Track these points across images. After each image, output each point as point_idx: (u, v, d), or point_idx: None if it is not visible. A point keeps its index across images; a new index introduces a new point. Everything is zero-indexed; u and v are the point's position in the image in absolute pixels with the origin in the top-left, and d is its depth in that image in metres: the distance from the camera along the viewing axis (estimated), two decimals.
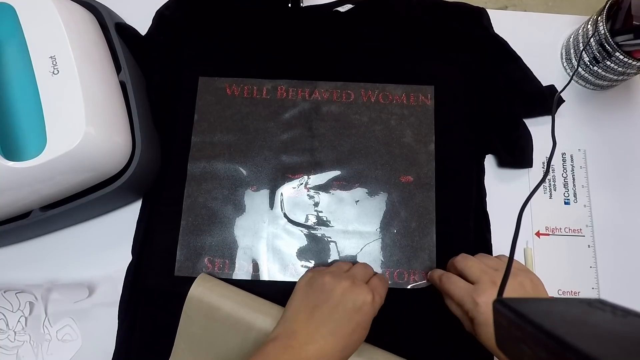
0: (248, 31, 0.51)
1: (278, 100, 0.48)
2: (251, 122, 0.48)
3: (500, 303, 0.17)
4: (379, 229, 0.45)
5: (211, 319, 0.39)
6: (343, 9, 0.52)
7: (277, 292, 0.42)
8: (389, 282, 0.43)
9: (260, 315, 0.39)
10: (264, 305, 0.40)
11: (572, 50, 0.51)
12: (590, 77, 0.50)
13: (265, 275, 0.44)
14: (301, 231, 0.45)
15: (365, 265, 0.41)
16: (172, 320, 0.41)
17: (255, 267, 0.44)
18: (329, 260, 0.44)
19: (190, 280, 0.41)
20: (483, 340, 0.35)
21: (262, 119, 0.48)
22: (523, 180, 0.49)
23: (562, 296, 0.45)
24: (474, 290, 0.35)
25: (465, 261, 0.38)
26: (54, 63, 0.38)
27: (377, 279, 0.39)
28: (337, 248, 0.44)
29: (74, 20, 0.41)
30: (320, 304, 0.35)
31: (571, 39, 0.51)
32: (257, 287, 0.43)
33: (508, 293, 0.33)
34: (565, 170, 0.49)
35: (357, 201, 0.46)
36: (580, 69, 0.50)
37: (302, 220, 0.45)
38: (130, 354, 0.42)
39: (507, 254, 0.45)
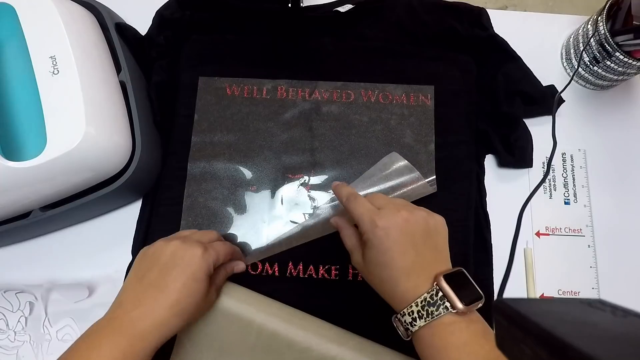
0: (248, 31, 0.51)
1: (278, 100, 0.48)
2: (251, 122, 0.47)
3: (500, 303, 0.17)
4: None
5: (213, 314, 0.40)
6: (343, 9, 0.52)
7: (277, 291, 0.42)
8: None
9: (260, 312, 0.39)
10: (264, 302, 0.41)
11: (572, 50, 0.51)
12: (590, 77, 0.50)
13: (264, 275, 0.44)
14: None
15: (209, 231, 0.41)
16: None
17: (254, 266, 0.44)
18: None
19: None
20: (369, 269, 0.34)
21: (262, 119, 0.48)
22: (523, 180, 0.49)
23: (562, 296, 0.45)
24: (377, 213, 0.34)
25: (372, 195, 0.37)
26: (54, 63, 0.38)
27: (219, 242, 0.39)
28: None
29: (74, 20, 0.41)
30: (151, 267, 0.35)
31: (571, 39, 0.51)
32: (256, 286, 0.43)
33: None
34: (565, 170, 0.49)
35: None
36: (580, 69, 0.50)
37: (302, 220, 0.45)
38: None
39: (504, 252, 0.45)
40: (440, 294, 0.31)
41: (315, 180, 0.46)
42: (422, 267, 0.33)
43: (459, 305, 0.30)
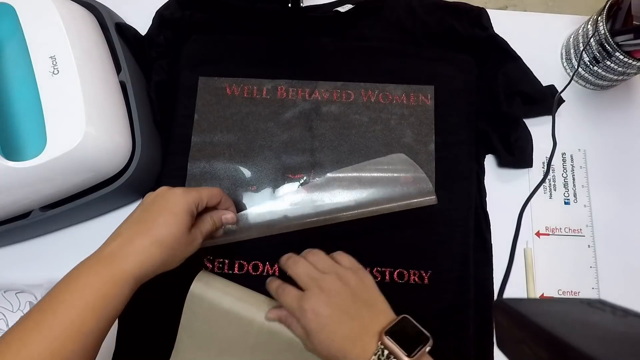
0: (248, 31, 0.51)
1: (278, 100, 0.48)
2: (251, 122, 0.47)
3: (501, 303, 0.17)
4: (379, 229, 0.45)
5: (213, 313, 0.40)
6: (343, 9, 0.52)
7: None
8: (388, 282, 0.43)
9: (260, 310, 0.39)
10: (264, 300, 0.41)
11: (572, 50, 0.51)
12: (590, 77, 0.50)
13: (264, 275, 0.44)
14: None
15: (214, 188, 0.41)
16: (173, 320, 0.41)
17: (255, 267, 0.44)
18: None
19: (190, 280, 0.41)
20: (319, 351, 0.34)
21: (262, 119, 0.48)
22: (523, 180, 0.49)
23: (562, 296, 0.46)
24: (302, 298, 0.35)
25: (295, 267, 0.37)
26: (54, 63, 0.38)
27: (205, 187, 0.40)
28: None
29: (74, 20, 0.41)
30: (136, 210, 0.36)
31: (571, 39, 0.51)
32: (256, 286, 0.43)
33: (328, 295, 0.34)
34: (565, 170, 0.49)
35: (357, 201, 0.46)
36: (580, 69, 0.50)
37: (302, 220, 0.45)
38: (130, 354, 0.42)
39: (504, 252, 0.45)
40: (387, 352, 0.32)
41: (316, 180, 0.46)
42: (363, 329, 0.33)
43: (406, 358, 0.31)
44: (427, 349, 0.33)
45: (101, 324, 0.30)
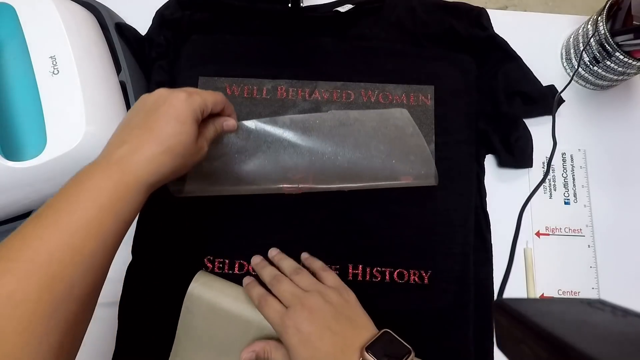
0: (248, 31, 0.51)
1: (278, 101, 0.48)
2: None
3: (501, 303, 0.17)
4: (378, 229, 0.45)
5: (211, 313, 0.40)
6: (343, 9, 0.52)
7: None
8: (388, 282, 0.43)
9: (258, 312, 0.39)
10: None
11: (572, 50, 0.51)
12: (590, 77, 0.50)
13: None
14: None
15: (216, 93, 0.39)
16: (172, 320, 0.41)
17: None
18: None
19: (189, 280, 0.41)
20: None
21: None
22: (523, 180, 0.49)
23: (562, 296, 0.46)
24: (285, 314, 0.35)
25: (278, 285, 0.38)
26: (54, 63, 0.38)
27: (208, 91, 0.38)
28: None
29: (74, 20, 0.41)
30: (136, 113, 0.35)
31: (571, 39, 0.51)
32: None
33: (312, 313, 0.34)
34: (565, 170, 0.49)
35: (357, 201, 0.46)
36: (580, 69, 0.50)
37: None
38: (130, 354, 0.42)
39: (504, 252, 0.45)
40: None
41: (316, 180, 0.46)
42: (344, 345, 0.33)
43: None
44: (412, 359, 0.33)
45: (119, 226, 0.30)
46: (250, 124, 0.45)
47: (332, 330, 0.34)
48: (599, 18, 0.46)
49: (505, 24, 0.51)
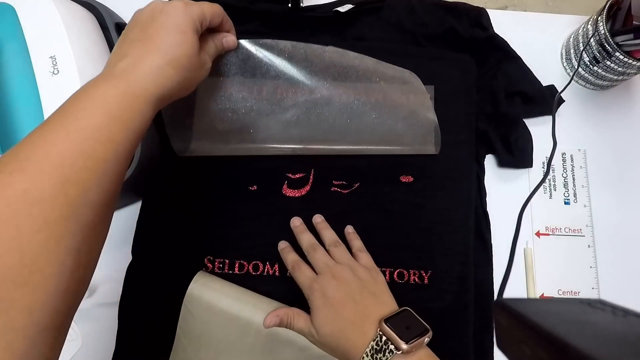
0: (248, 31, 0.51)
1: (278, 100, 0.48)
2: (251, 120, 0.47)
3: (501, 303, 0.17)
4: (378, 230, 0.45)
5: (211, 314, 0.40)
6: (343, 9, 0.52)
7: (276, 291, 0.42)
8: (388, 282, 0.43)
9: (259, 311, 0.39)
10: (262, 301, 0.41)
11: (572, 50, 0.51)
12: (590, 77, 0.50)
13: (264, 275, 0.44)
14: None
15: (215, 4, 0.38)
16: (172, 319, 0.41)
17: (255, 267, 0.44)
18: None
19: (188, 281, 0.41)
20: (321, 332, 0.35)
21: (261, 117, 0.48)
22: (523, 180, 0.49)
23: (562, 296, 0.46)
24: (315, 279, 0.38)
25: (314, 253, 0.40)
26: (54, 63, 0.38)
27: (206, 1, 0.36)
28: None
29: (74, 20, 0.41)
30: (133, 27, 0.33)
31: (571, 39, 0.51)
32: (256, 286, 0.43)
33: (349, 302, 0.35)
34: (565, 170, 0.49)
35: (357, 201, 0.46)
36: (580, 69, 0.50)
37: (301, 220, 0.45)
38: (130, 354, 0.42)
39: (504, 252, 0.45)
40: (385, 338, 0.33)
41: (316, 180, 0.46)
42: (365, 315, 0.35)
43: (403, 346, 0.32)
44: (426, 340, 0.34)
45: (128, 135, 0.28)
46: (250, 46, 0.43)
47: (355, 301, 0.36)
48: (599, 18, 0.46)
49: (505, 24, 0.51)
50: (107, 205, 0.27)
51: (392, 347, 0.32)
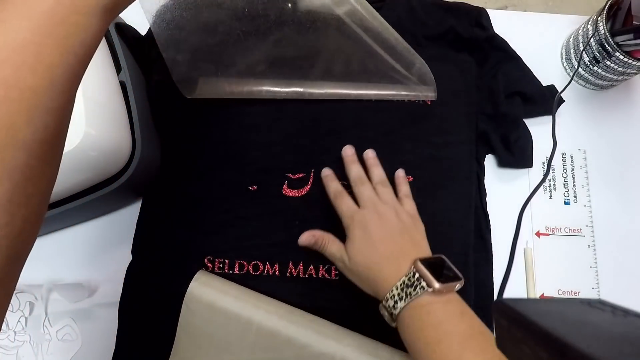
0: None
1: (278, 99, 0.48)
2: (250, 119, 0.47)
3: (501, 303, 0.17)
4: None
5: (212, 312, 0.40)
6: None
7: (276, 291, 0.42)
8: None
9: (259, 310, 0.39)
10: (263, 300, 0.41)
11: (572, 50, 0.51)
12: (590, 77, 0.50)
13: (264, 275, 0.44)
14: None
15: None
16: (172, 320, 0.41)
17: (255, 267, 0.44)
18: None
19: (189, 280, 0.41)
20: (355, 262, 0.37)
21: (261, 118, 0.48)
22: (523, 180, 0.49)
23: (562, 296, 0.46)
24: (357, 211, 0.39)
25: (361, 187, 0.40)
26: None
27: None
28: None
29: None
30: None
31: (571, 39, 0.51)
32: (256, 286, 0.43)
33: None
34: (565, 170, 0.49)
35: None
36: (580, 69, 0.50)
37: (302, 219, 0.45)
38: (130, 354, 0.42)
39: (504, 252, 0.45)
40: (418, 275, 0.33)
41: (316, 181, 0.46)
42: (401, 254, 0.36)
43: (435, 284, 0.32)
44: (457, 286, 0.34)
45: (66, 58, 0.22)
46: None
47: (393, 240, 0.37)
48: (599, 18, 0.46)
49: (505, 24, 0.51)
50: (45, 144, 0.22)
51: (424, 283, 0.32)
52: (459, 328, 0.31)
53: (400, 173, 0.44)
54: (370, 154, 0.44)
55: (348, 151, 0.44)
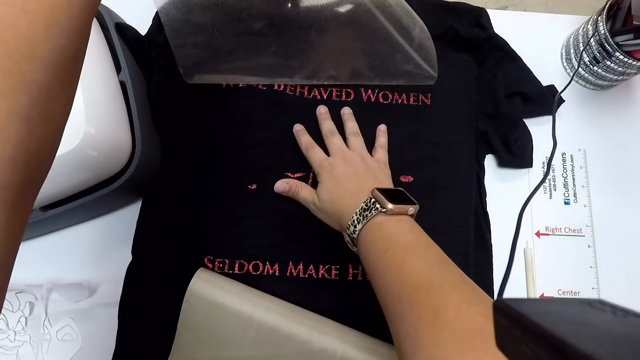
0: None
1: (275, 93, 0.48)
2: (250, 120, 0.47)
3: (501, 303, 0.17)
4: None
5: (213, 308, 0.40)
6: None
7: (276, 291, 0.42)
8: None
9: (260, 307, 0.40)
10: (263, 297, 0.41)
11: (572, 50, 0.51)
12: (590, 77, 0.50)
13: (264, 274, 0.44)
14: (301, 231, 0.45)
15: None
16: (172, 319, 0.41)
17: (255, 267, 0.44)
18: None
19: (189, 278, 0.41)
20: (323, 201, 0.40)
21: (261, 117, 0.48)
22: (523, 180, 0.49)
23: (562, 296, 0.46)
24: (326, 159, 0.43)
25: (332, 138, 0.45)
26: None
27: None
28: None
29: None
30: None
31: (571, 39, 0.51)
32: (256, 285, 0.43)
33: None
34: (565, 170, 0.49)
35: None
36: (580, 69, 0.50)
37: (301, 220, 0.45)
38: (130, 354, 0.42)
39: (504, 252, 0.45)
40: (373, 200, 0.36)
41: (316, 180, 0.46)
42: (364, 188, 0.39)
43: (388, 205, 0.35)
44: (411, 209, 0.37)
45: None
46: None
47: (357, 178, 0.40)
48: (599, 18, 0.46)
49: (505, 24, 0.51)
50: (62, 65, 0.22)
51: (378, 205, 0.36)
52: (405, 239, 0.34)
53: (381, 127, 0.47)
54: (346, 110, 0.47)
55: (321, 109, 0.47)
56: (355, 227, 0.37)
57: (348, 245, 0.40)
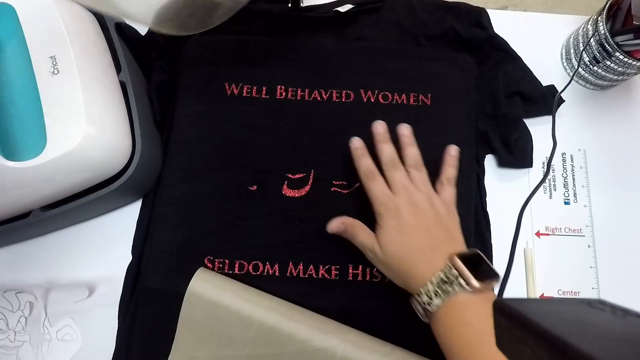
0: (248, 31, 0.51)
1: (277, 100, 0.48)
2: (250, 121, 0.47)
3: (501, 303, 0.17)
4: None
5: (213, 307, 0.40)
6: (343, 9, 0.52)
7: (276, 291, 0.42)
8: (389, 282, 0.43)
9: (260, 306, 0.40)
10: (264, 297, 0.41)
11: (572, 50, 0.51)
12: (590, 77, 0.50)
13: (264, 275, 0.44)
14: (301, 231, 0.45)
15: None
16: (172, 319, 0.41)
17: (255, 267, 0.44)
18: None
19: (189, 278, 0.41)
20: (387, 254, 0.35)
21: (261, 118, 0.48)
22: (523, 180, 0.49)
23: (562, 296, 0.45)
24: (391, 197, 0.36)
25: (394, 170, 0.38)
26: (54, 63, 0.38)
27: None
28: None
29: (74, 20, 0.41)
30: None
31: (571, 39, 0.51)
32: (256, 286, 0.43)
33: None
34: (565, 170, 0.49)
35: (357, 202, 0.46)
36: (580, 69, 0.50)
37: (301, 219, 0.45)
38: (130, 354, 0.42)
39: (504, 252, 0.45)
40: (455, 271, 0.31)
41: (316, 180, 0.46)
42: (437, 246, 0.34)
43: (475, 283, 0.31)
44: (495, 284, 0.33)
45: None
46: None
47: (428, 231, 0.35)
48: (599, 18, 0.46)
49: (505, 24, 0.51)
50: None
51: (462, 281, 0.31)
52: None
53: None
54: (405, 131, 0.41)
55: (379, 128, 0.40)
56: (431, 299, 0.32)
57: (418, 315, 0.35)
